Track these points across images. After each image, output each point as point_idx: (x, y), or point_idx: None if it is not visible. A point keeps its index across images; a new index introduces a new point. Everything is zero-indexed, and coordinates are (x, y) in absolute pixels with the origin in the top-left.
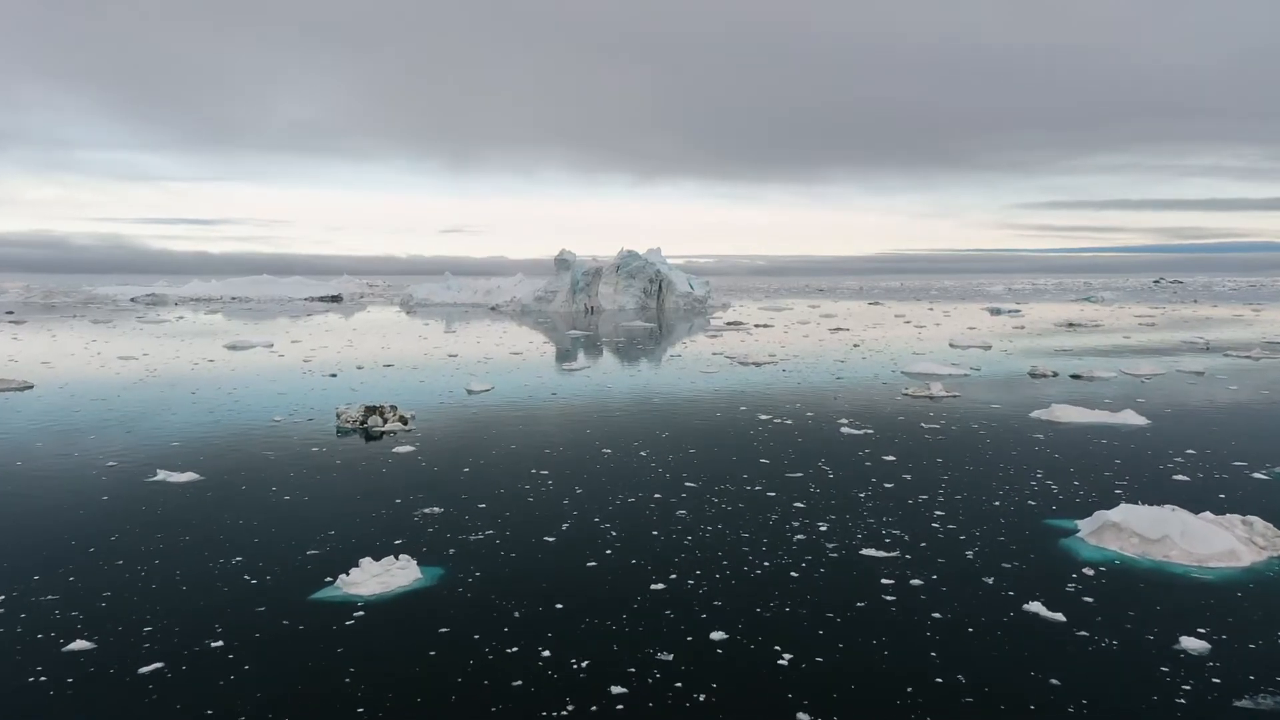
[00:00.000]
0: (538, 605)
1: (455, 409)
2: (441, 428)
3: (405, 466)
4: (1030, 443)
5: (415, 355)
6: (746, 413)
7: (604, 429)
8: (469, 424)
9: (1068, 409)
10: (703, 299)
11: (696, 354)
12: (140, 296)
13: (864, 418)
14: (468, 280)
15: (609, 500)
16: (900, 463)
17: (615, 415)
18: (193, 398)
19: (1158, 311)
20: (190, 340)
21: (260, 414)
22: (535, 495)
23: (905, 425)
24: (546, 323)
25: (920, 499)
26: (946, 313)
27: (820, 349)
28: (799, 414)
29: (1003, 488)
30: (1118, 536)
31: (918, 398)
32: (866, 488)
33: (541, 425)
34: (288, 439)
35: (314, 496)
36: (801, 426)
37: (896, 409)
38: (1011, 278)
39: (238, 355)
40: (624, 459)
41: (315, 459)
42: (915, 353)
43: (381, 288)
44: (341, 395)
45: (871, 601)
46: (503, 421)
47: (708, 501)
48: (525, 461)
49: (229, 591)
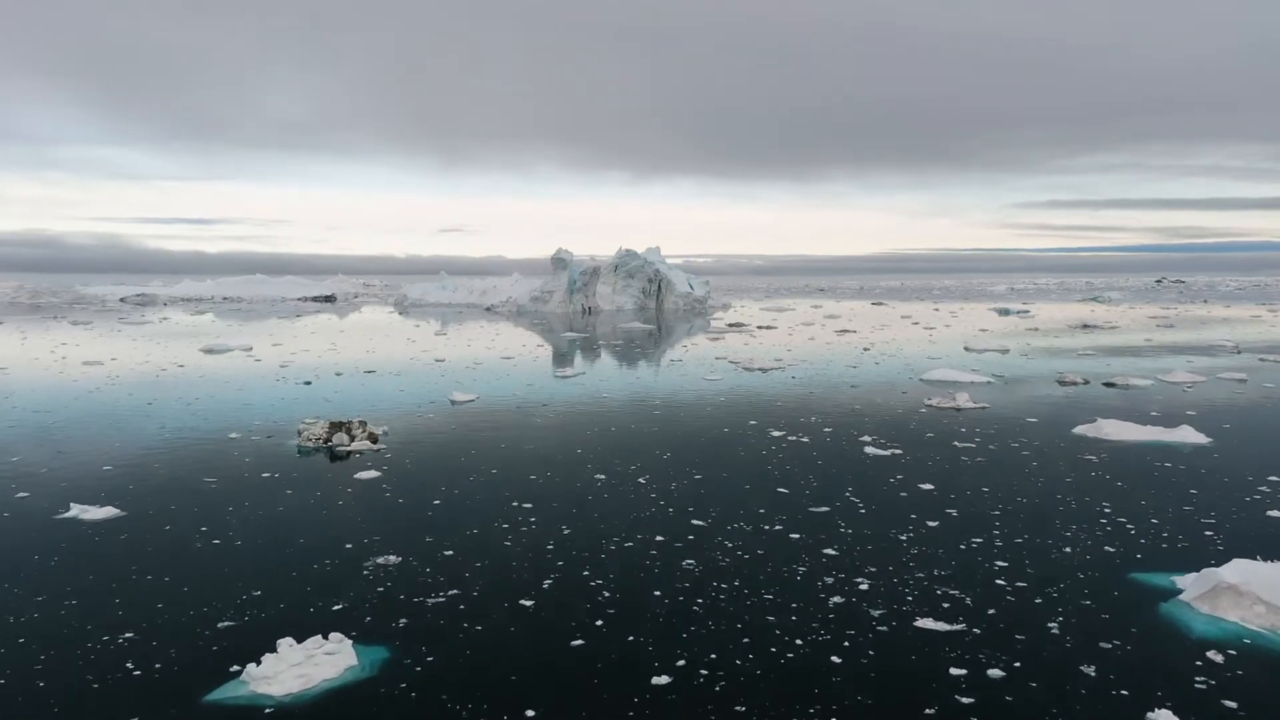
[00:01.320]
0: (503, 711)
1: (434, 423)
2: (415, 446)
3: (365, 499)
4: (1083, 466)
5: (400, 359)
6: (756, 428)
7: (598, 449)
8: (446, 442)
9: (1115, 424)
10: (702, 299)
11: (698, 358)
12: (130, 296)
13: (888, 434)
14: (463, 280)
15: (601, 545)
16: (940, 493)
17: (611, 432)
18: (147, 409)
19: (1170, 312)
20: (167, 343)
21: (216, 429)
22: (514, 538)
23: (936, 444)
24: (542, 324)
25: (973, 544)
26: (953, 313)
27: (829, 353)
28: (815, 430)
29: (1069, 527)
30: (1237, 604)
31: (943, 409)
32: (907, 527)
33: (528, 444)
34: (238, 462)
35: (248, 541)
36: (819, 445)
37: (922, 423)
38: (1012, 277)
39: (211, 360)
40: (620, 488)
41: (262, 489)
42: (930, 357)
43: (379, 288)
44: (313, 406)
45: (943, 705)
46: (485, 440)
47: (719, 547)
48: (506, 491)
49: (99, 689)
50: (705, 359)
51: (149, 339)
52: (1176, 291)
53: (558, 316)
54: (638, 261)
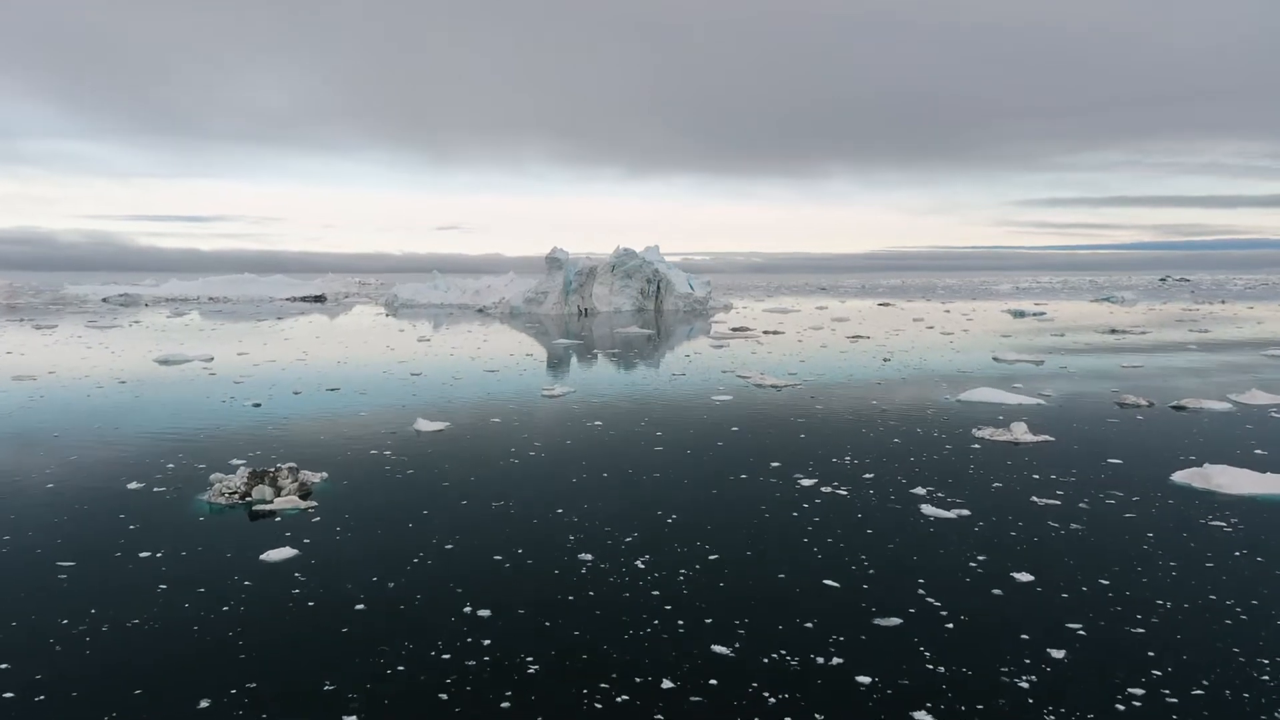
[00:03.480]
0: None
1: (388, 464)
2: (355, 503)
3: (266, 598)
4: (1220, 541)
5: (372, 373)
6: (781, 474)
7: (585, 508)
8: (396, 495)
9: (1226, 472)
10: (703, 300)
11: (703, 371)
12: (113, 297)
13: (944, 484)
14: (456, 279)
15: (585, 696)
16: (1046, 590)
17: (602, 478)
18: (50, 443)
19: (1193, 313)
20: (124, 352)
21: (115, 476)
22: (460, 673)
23: (1009, 500)
24: (535, 327)
25: (1130, 699)
26: (965, 315)
27: (845, 364)
28: (853, 477)
29: (1259, 657)
30: None
31: (999, 443)
32: (1021, 662)
33: (496, 497)
34: (116, 531)
35: (55, 694)
36: (863, 502)
37: (981, 466)
38: (1015, 275)
39: (162, 373)
40: (612, 578)
41: (126, 582)
42: (960, 371)
43: (374, 286)
44: (252, 438)
45: None
46: (444, 492)
47: (758, 700)
48: (460, 581)
49: None
50: (711, 372)
51: (107, 347)
52: (1189, 290)
53: (552, 319)
54: (636, 261)
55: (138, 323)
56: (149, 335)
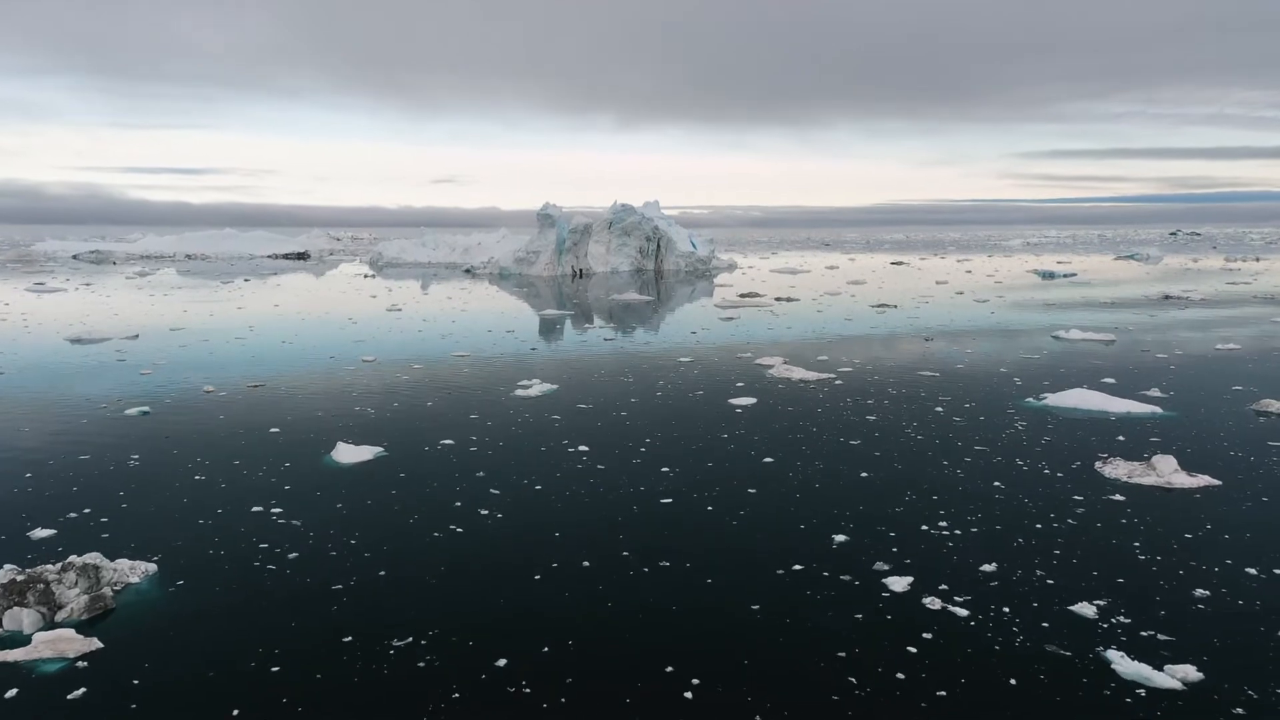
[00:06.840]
0: None
1: (272, 533)
2: (188, 632)
3: None
4: None
5: (318, 357)
6: (849, 553)
7: (563, 595)
8: (271, 605)
9: None
10: (706, 259)
11: (714, 355)
12: (84, 254)
13: (1113, 585)
14: (446, 236)
15: None
16: None
17: (590, 537)
18: None
19: (1233, 270)
20: (39, 325)
21: None
22: None
23: (1210, 618)
24: (525, 290)
25: None
26: (990, 276)
27: (880, 345)
28: (968, 577)
29: None
30: None
31: (1145, 487)
32: None
33: (425, 589)
34: None
35: None
36: (1002, 634)
37: (1139, 536)
38: (1020, 229)
39: (61, 360)
40: None
41: None
42: (1023, 357)
43: (367, 241)
44: (84, 482)
45: None
46: (337, 592)
47: None
48: None
49: None
50: (724, 357)
51: (28, 318)
52: (1208, 245)
53: (544, 280)
54: (634, 218)
55: (88, 285)
56: (89, 302)
